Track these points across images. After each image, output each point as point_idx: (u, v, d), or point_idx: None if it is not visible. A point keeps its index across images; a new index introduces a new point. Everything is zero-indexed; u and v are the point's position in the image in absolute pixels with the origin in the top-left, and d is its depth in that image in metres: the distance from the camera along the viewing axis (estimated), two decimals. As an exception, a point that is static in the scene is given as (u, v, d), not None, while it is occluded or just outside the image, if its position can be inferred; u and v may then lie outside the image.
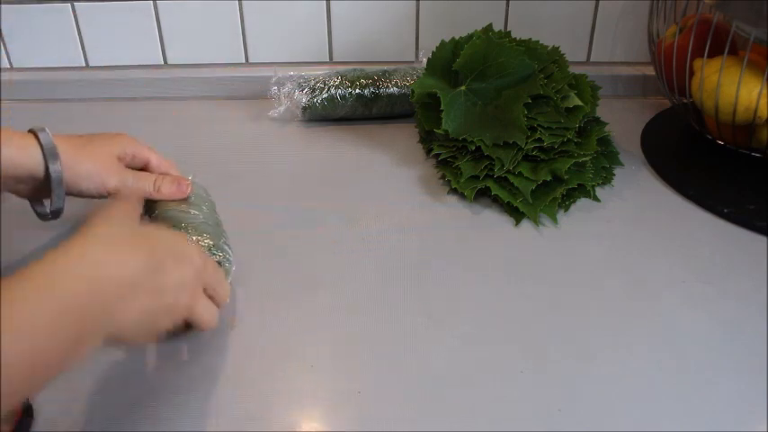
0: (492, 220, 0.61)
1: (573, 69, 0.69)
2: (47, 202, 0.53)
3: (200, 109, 0.84)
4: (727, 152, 0.67)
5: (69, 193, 0.53)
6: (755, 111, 0.61)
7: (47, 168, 0.50)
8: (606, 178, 0.65)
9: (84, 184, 0.52)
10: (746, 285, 0.52)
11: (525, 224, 0.60)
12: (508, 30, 0.72)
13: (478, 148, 0.63)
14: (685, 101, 0.69)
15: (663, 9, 0.69)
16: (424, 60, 0.73)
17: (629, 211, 0.62)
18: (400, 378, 0.45)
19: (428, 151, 0.71)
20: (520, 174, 0.61)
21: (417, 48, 0.85)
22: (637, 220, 0.61)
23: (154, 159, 0.57)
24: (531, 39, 0.70)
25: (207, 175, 0.69)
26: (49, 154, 0.50)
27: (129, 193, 0.53)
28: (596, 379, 0.44)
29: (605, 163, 0.66)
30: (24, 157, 0.50)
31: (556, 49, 0.70)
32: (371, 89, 0.76)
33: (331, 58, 0.87)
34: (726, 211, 0.60)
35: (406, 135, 0.75)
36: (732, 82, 0.61)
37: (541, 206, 0.60)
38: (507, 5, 0.82)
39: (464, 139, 0.64)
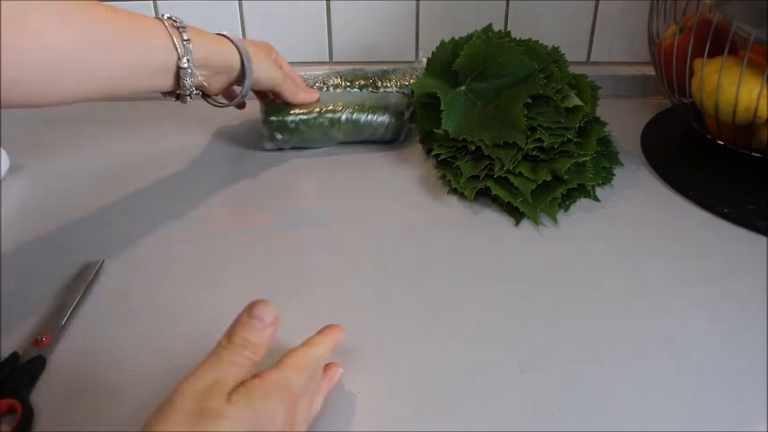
0: (492, 220, 0.61)
1: (573, 69, 0.69)
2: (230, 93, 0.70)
3: (200, 109, 0.84)
4: (727, 152, 0.67)
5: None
6: (755, 111, 0.61)
7: (242, 66, 0.62)
8: (606, 178, 0.65)
9: (263, 77, 0.65)
10: (746, 285, 0.52)
11: (525, 224, 0.60)
12: (508, 30, 0.72)
13: (478, 148, 0.63)
14: (685, 101, 0.69)
15: (663, 9, 0.69)
16: (424, 60, 0.73)
17: (629, 211, 0.62)
18: (400, 378, 0.45)
19: (428, 151, 0.71)
20: (520, 174, 0.61)
21: (417, 48, 0.85)
22: (637, 220, 0.61)
23: (285, 66, 0.70)
24: (530, 39, 0.70)
25: (207, 175, 0.69)
26: (245, 57, 0.62)
27: (288, 85, 0.68)
28: (596, 379, 0.44)
29: (605, 163, 0.66)
30: (233, 56, 0.61)
31: (555, 49, 0.70)
32: (370, 90, 0.76)
33: (331, 58, 0.87)
34: (726, 211, 0.60)
35: (406, 135, 0.75)
36: (732, 82, 0.61)
37: (541, 206, 0.60)
38: (507, 5, 0.82)
39: (464, 139, 0.64)
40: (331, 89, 0.75)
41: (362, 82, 0.76)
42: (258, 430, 0.33)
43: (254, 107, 0.75)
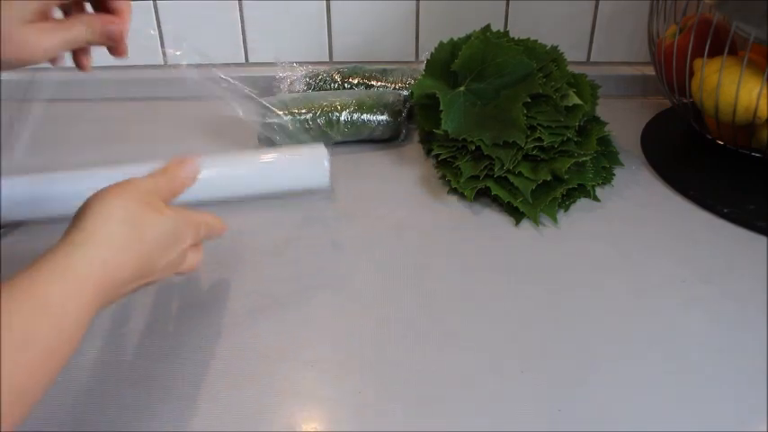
0: (492, 220, 0.61)
1: (573, 69, 0.69)
2: None
3: (199, 110, 0.84)
4: (727, 152, 0.67)
5: None
6: (755, 111, 0.61)
7: None
8: (606, 178, 0.65)
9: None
10: (746, 285, 0.52)
11: (525, 224, 0.60)
12: (507, 30, 0.72)
13: (478, 148, 0.63)
14: (685, 101, 0.69)
15: (663, 9, 0.69)
16: (425, 60, 0.73)
17: (629, 211, 0.62)
18: (400, 378, 0.45)
19: (428, 151, 0.71)
20: (520, 173, 0.61)
21: (417, 48, 0.85)
22: (637, 220, 0.61)
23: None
24: (528, 38, 0.70)
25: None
26: None
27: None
28: (596, 379, 0.44)
29: (605, 163, 0.66)
30: None
31: (554, 48, 0.70)
32: (366, 87, 0.77)
33: (331, 58, 0.87)
34: (726, 211, 0.60)
35: (405, 134, 0.75)
36: (732, 82, 0.61)
37: (541, 206, 0.60)
38: (507, 5, 0.82)
39: (464, 139, 0.64)
40: (329, 87, 0.76)
41: (360, 79, 0.76)
42: (173, 241, 0.42)
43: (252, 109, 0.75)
